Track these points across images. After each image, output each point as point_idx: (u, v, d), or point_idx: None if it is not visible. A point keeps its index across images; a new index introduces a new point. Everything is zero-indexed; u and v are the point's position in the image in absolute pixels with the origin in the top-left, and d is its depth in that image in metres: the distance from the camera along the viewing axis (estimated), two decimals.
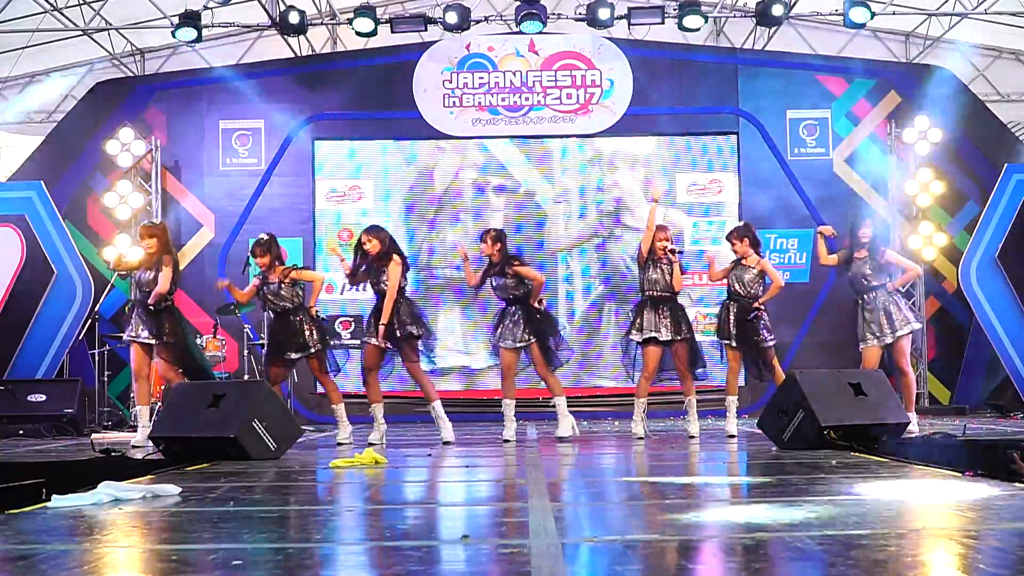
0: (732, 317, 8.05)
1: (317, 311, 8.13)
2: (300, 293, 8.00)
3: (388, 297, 7.60)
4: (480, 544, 3.09)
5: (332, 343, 8.32)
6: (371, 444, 7.52)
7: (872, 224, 8.23)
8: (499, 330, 8.02)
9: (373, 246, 7.72)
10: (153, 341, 7.94)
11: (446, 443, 7.73)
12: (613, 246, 12.56)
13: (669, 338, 7.91)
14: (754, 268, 8.11)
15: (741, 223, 8.69)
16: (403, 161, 12.66)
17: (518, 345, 7.93)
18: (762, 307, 8.00)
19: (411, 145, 12.67)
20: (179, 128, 12.52)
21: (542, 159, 12.63)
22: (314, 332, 7.88)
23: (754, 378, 8.51)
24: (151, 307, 7.92)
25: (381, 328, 7.55)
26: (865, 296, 8.05)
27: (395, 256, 7.75)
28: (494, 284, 8.05)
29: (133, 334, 8.01)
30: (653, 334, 7.90)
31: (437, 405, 7.86)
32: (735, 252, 8.20)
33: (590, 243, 12.57)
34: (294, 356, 7.91)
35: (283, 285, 7.85)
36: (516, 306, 7.99)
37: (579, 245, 12.57)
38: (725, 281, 8.26)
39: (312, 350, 7.85)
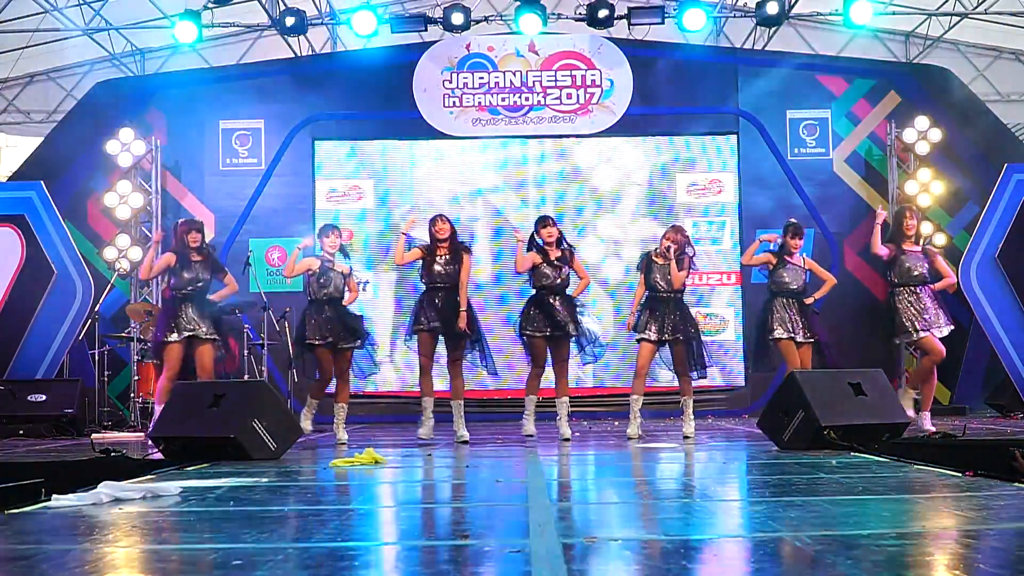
0: (795, 313, 8.11)
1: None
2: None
3: (463, 285, 7.87)
4: (480, 544, 3.09)
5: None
6: (420, 439, 7.75)
7: (915, 217, 8.26)
8: (551, 319, 7.94)
9: (445, 231, 7.93)
10: (214, 336, 8.11)
11: (462, 442, 7.79)
12: (608, 247, 12.57)
13: (659, 338, 7.91)
14: (803, 268, 8.24)
15: (795, 220, 8.67)
16: (404, 161, 12.66)
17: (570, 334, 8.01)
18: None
19: (411, 145, 12.66)
20: (179, 128, 12.51)
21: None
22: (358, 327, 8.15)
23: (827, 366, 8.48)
24: (214, 304, 8.19)
25: (463, 314, 7.78)
26: (918, 288, 8.13)
27: (466, 252, 8.00)
28: (548, 271, 8.00)
29: (191, 329, 8.00)
30: (645, 335, 7.93)
31: (461, 404, 8.01)
32: (792, 247, 8.23)
33: (589, 241, 12.57)
34: (347, 345, 8.03)
35: (344, 279, 8.09)
36: (559, 296, 8.01)
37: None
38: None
39: (358, 343, 8.08)
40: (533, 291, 8.16)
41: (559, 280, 8.02)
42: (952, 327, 8.22)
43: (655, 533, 3.27)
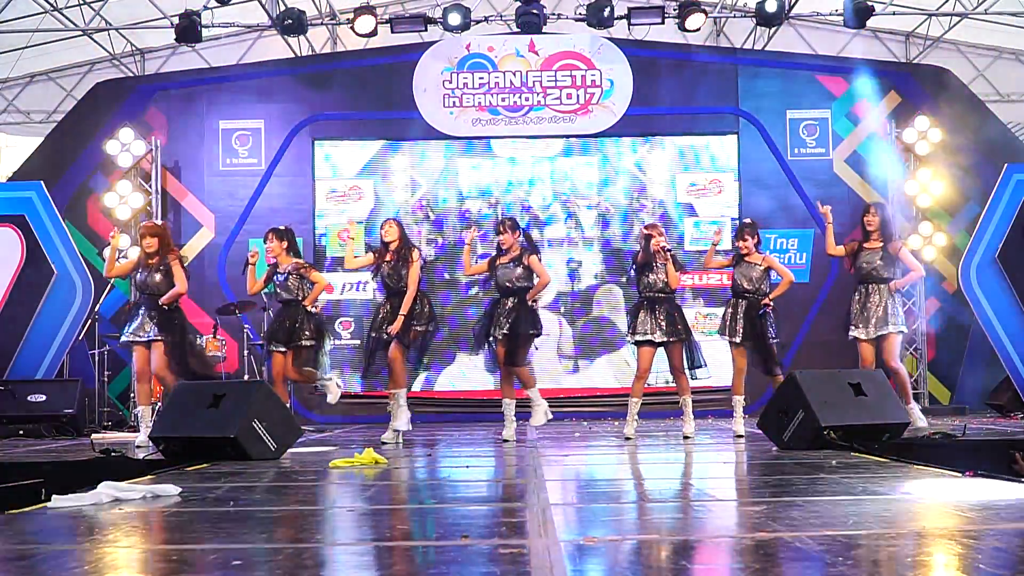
0: (740, 314, 8.04)
1: (317, 310, 8.32)
2: (305, 288, 8.13)
3: (409, 293, 7.65)
4: (480, 544, 3.09)
5: (329, 342, 8.46)
6: (384, 443, 7.63)
7: (879, 211, 8.23)
8: (493, 322, 7.87)
9: (391, 234, 7.77)
10: (160, 338, 7.90)
11: (396, 431, 7.74)
12: (611, 247, 12.57)
13: (664, 340, 7.90)
14: (760, 265, 8.10)
15: (749, 221, 8.62)
16: (403, 161, 12.66)
17: (501, 335, 7.85)
18: (771, 303, 8.03)
19: (411, 145, 12.66)
20: (179, 128, 12.52)
21: (529, 164, 12.64)
22: (308, 328, 8.02)
23: (763, 374, 8.36)
24: (164, 307, 7.93)
25: (398, 320, 7.57)
26: (869, 286, 8.07)
27: (415, 251, 7.81)
28: (499, 273, 7.92)
29: (139, 334, 7.92)
30: (648, 336, 7.90)
31: (401, 394, 7.81)
32: (740, 248, 8.13)
33: (590, 243, 12.57)
34: (282, 348, 8.04)
35: (291, 277, 8.01)
36: (512, 299, 7.90)
37: (578, 246, 12.56)
38: (722, 275, 8.24)
39: (301, 343, 7.98)
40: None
41: (508, 283, 7.90)
42: (892, 331, 8.09)
43: (654, 533, 3.27)
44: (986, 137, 12.42)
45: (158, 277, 7.97)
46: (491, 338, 7.89)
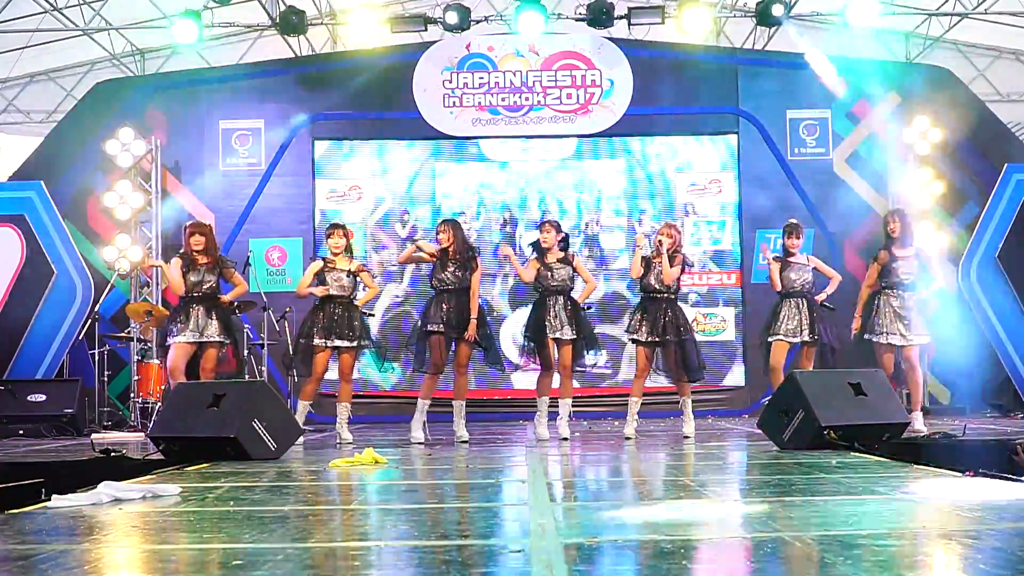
0: (803, 313, 8.13)
1: (365, 312, 8.38)
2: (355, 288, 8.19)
3: (475, 294, 7.83)
4: (480, 544, 3.09)
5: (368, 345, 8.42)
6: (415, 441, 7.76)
7: (900, 217, 8.24)
8: (549, 322, 7.95)
9: (448, 238, 7.88)
10: (222, 339, 8.06)
11: (463, 442, 7.80)
12: (608, 246, 12.56)
13: (654, 340, 7.90)
14: (807, 265, 8.32)
15: (796, 222, 8.65)
16: (403, 161, 12.65)
17: (568, 337, 7.98)
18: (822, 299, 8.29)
19: (411, 145, 12.66)
20: (179, 128, 12.51)
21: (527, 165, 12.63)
22: (363, 329, 8.08)
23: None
24: (225, 307, 8.13)
25: (472, 323, 7.75)
26: (904, 294, 8.05)
27: (478, 258, 8.00)
28: (546, 273, 8.04)
29: (202, 335, 7.94)
30: (635, 336, 7.95)
31: (463, 405, 8.01)
32: (791, 247, 8.28)
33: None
34: (343, 344, 7.94)
35: (350, 275, 8.04)
36: (561, 297, 8.02)
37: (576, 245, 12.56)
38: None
39: (357, 344, 8.02)
40: (537, 294, 8.18)
41: (557, 283, 8.03)
42: (925, 339, 8.18)
43: (655, 533, 3.27)
44: (986, 137, 12.41)
45: (213, 277, 8.10)
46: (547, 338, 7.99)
